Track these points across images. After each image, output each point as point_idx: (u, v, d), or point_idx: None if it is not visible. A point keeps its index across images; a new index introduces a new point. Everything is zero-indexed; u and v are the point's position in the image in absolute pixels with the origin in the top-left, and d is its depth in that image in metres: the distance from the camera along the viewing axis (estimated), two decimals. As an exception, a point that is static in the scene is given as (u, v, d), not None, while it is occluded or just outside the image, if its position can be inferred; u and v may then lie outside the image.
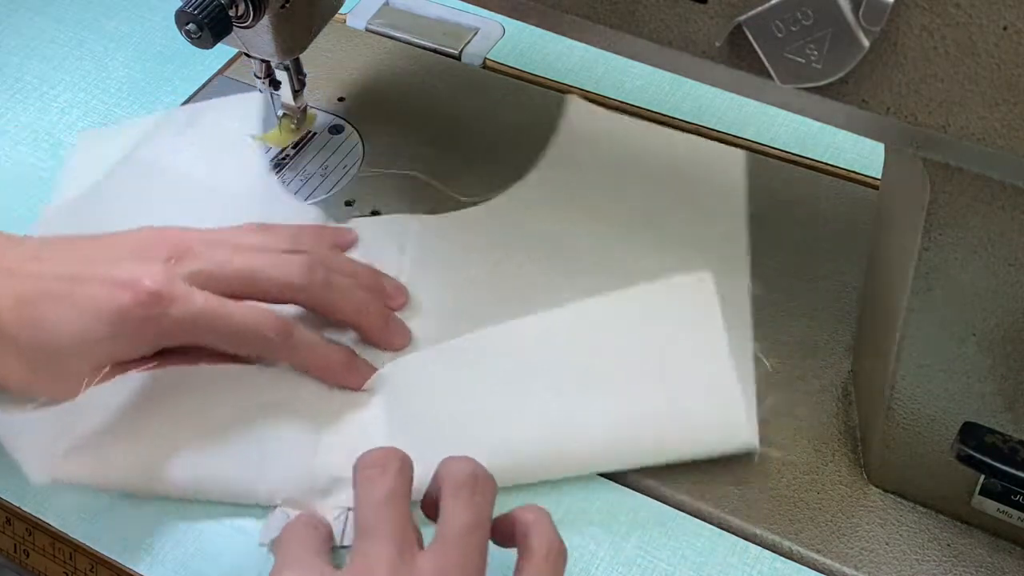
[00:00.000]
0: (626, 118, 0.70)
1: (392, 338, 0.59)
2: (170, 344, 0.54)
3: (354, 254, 0.63)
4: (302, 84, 0.70)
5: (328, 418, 0.56)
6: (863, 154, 0.70)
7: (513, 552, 0.49)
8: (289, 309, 0.57)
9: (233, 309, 0.54)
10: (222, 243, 0.57)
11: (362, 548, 0.46)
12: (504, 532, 0.49)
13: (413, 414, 0.56)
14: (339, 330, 0.59)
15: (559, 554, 0.48)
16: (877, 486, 0.55)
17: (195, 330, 0.53)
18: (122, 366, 0.53)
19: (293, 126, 0.71)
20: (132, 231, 0.56)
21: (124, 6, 0.82)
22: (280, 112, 0.71)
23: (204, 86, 0.76)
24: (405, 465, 0.49)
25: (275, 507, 0.54)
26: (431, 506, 0.50)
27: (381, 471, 0.48)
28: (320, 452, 0.55)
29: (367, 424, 0.56)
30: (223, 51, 0.71)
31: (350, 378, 0.57)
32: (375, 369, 0.57)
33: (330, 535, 0.51)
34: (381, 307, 0.60)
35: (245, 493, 0.54)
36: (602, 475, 0.56)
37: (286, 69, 0.69)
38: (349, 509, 0.53)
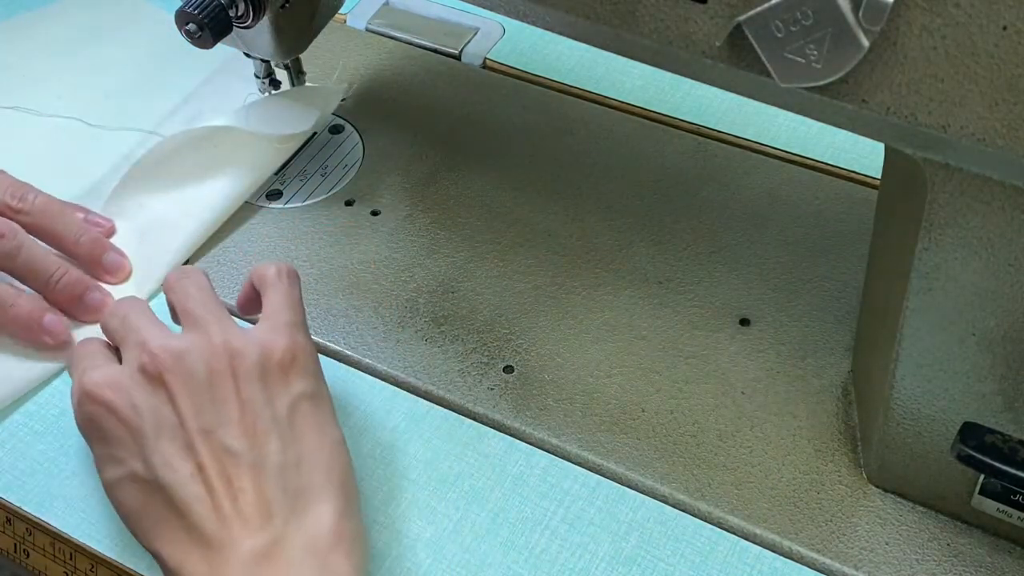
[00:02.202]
0: None
1: (80, 313, 0.61)
2: None
3: None
4: (302, 83, 0.70)
5: None
6: (863, 154, 0.70)
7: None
8: None
9: None
10: None
11: (197, 333, 0.51)
12: (250, 298, 0.56)
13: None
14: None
15: (288, 272, 0.55)
16: (877, 486, 0.55)
17: None
18: None
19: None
20: None
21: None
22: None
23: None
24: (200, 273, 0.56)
25: None
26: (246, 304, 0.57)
27: (183, 274, 0.55)
28: None
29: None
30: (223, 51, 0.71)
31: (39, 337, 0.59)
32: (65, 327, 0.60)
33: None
34: (76, 279, 0.61)
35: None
36: (602, 475, 0.56)
37: (286, 68, 0.69)
38: None
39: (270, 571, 0.46)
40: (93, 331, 0.60)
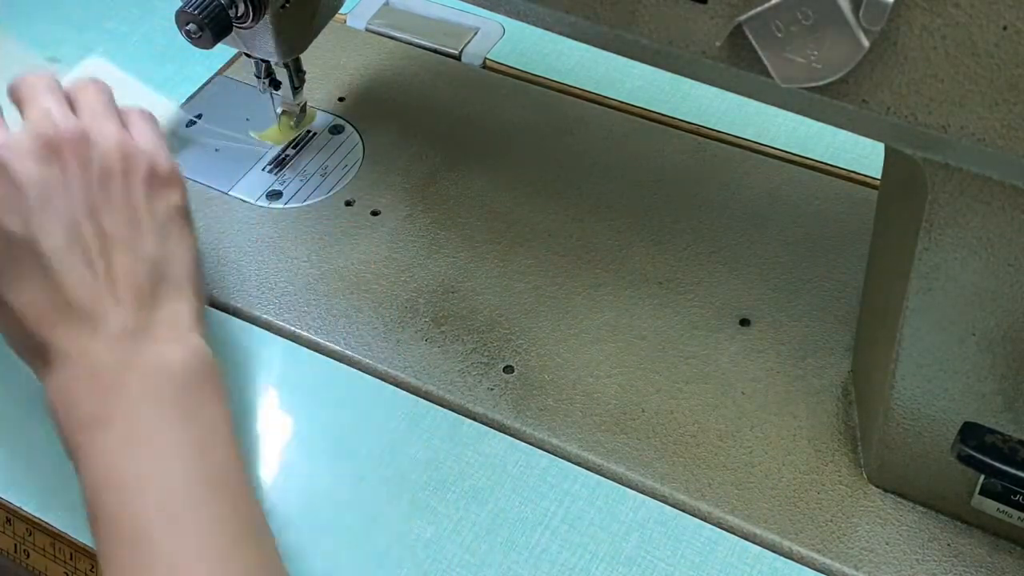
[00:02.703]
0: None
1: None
2: None
3: None
4: (302, 82, 0.70)
5: None
6: (863, 154, 0.70)
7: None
8: None
9: None
10: None
11: (97, 123, 0.54)
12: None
13: None
14: None
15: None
16: (877, 486, 0.55)
17: None
18: None
19: (292, 124, 0.72)
20: None
21: (124, 6, 0.82)
22: (279, 110, 0.71)
23: (204, 86, 0.76)
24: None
25: None
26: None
27: (89, 80, 0.57)
28: None
29: None
30: (223, 51, 0.71)
31: None
32: None
33: None
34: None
35: None
36: (602, 475, 0.56)
37: (286, 68, 0.69)
38: None
39: (137, 346, 0.50)
40: None
